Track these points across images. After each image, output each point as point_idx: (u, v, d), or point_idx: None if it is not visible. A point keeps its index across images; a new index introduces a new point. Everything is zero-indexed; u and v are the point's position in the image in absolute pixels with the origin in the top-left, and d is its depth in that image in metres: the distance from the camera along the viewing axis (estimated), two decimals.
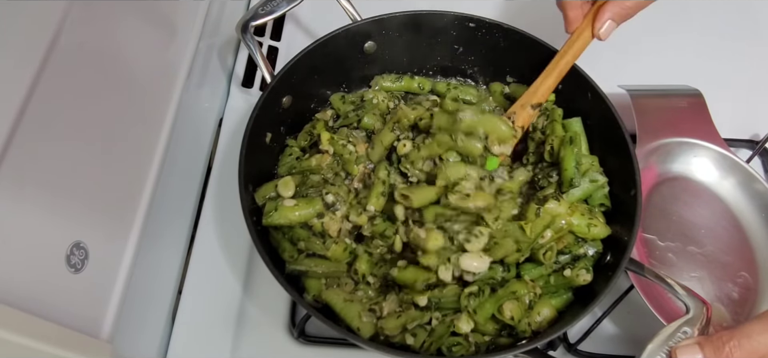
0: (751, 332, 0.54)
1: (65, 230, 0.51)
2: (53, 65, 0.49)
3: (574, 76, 0.75)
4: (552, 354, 0.72)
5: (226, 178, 0.81)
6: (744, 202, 0.79)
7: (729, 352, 0.54)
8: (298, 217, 0.67)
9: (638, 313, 0.70)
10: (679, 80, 0.86)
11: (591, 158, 0.73)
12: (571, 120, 0.75)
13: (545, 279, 0.67)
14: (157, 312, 0.72)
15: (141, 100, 0.64)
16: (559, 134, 0.72)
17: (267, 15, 0.79)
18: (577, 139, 0.71)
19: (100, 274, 0.55)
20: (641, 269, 0.63)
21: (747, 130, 0.89)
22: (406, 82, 0.82)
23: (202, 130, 0.84)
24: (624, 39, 0.97)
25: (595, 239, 0.68)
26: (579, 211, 0.68)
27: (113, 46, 0.59)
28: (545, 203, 0.67)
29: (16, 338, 0.43)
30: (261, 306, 0.74)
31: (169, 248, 0.75)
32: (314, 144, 0.76)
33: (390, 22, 0.78)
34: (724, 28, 1.00)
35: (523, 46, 0.78)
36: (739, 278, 0.74)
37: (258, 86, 0.89)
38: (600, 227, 0.68)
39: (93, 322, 0.54)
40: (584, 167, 0.70)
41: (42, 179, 0.49)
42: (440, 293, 0.64)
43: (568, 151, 0.69)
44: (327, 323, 0.60)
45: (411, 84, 0.83)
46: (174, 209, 0.76)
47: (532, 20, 0.80)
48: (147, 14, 0.65)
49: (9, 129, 0.45)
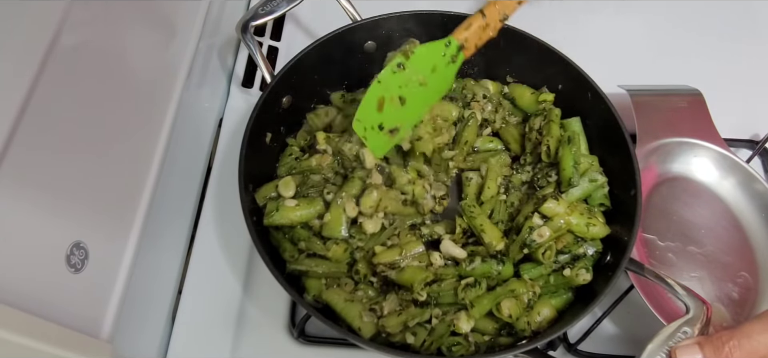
0: (751, 332, 0.54)
1: (65, 230, 0.51)
2: (53, 65, 0.49)
3: (574, 76, 0.76)
4: (552, 354, 0.71)
5: (226, 178, 0.81)
6: (744, 202, 0.79)
7: (729, 352, 0.54)
8: (299, 217, 0.68)
9: (638, 313, 0.70)
10: (679, 80, 0.86)
11: (590, 158, 0.73)
12: (570, 120, 0.75)
13: (545, 279, 0.67)
14: (157, 312, 0.72)
15: (141, 100, 0.64)
16: (556, 134, 0.72)
17: (267, 15, 0.79)
18: (575, 139, 0.71)
19: (100, 274, 0.55)
20: (641, 269, 0.63)
21: (747, 130, 0.89)
22: None
23: (202, 130, 0.84)
24: (624, 39, 0.98)
25: (594, 238, 0.68)
26: (578, 210, 0.68)
27: (113, 47, 0.59)
28: (544, 203, 0.67)
29: (16, 338, 0.43)
30: (261, 306, 0.74)
31: (169, 248, 0.75)
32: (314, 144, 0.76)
33: (390, 22, 0.78)
34: (723, 28, 1.00)
35: (523, 46, 0.78)
36: (739, 278, 0.74)
37: (258, 86, 0.89)
38: (599, 227, 0.68)
39: (93, 322, 0.54)
40: (583, 167, 0.71)
41: (42, 179, 0.49)
42: (439, 288, 0.65)
43: (566, 151, 0.70)
44: (327, 324, 0.60)
45: None
46: (174, 209, 0.76)
47: (532, 20, 0.80)
48: (147, 14, 0.65)
49: (9, 129, 0.45)
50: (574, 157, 0.70)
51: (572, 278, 0.66)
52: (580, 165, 0.70)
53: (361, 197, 0.68)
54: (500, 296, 0.65)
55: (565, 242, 0.68)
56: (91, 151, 0.55)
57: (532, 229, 0.66)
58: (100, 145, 0.56)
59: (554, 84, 0.79)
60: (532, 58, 0.79)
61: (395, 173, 0.71)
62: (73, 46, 0.52)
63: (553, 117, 0.74)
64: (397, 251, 0.66)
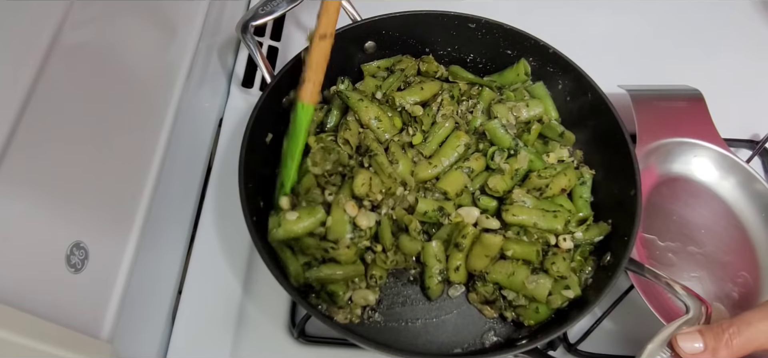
0: (751, 320, 0.55)
1: (65, 230, 0.51)
2: (53, 65, 0.49)
3: (574, 76, 0.76)
4: (552, 354, 0.72)
5: (226, 178, 0.81)
6: (744, 202, 0.79)
7: (728, 338, 0.55)
8: (302, 228, 0.66)
9: (638, 313, 0.70)
10: (679, 80, 0.86)
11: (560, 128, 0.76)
12: (534, 85, 0.79)
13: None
14: (157, 312, 0.72)
15: (141, 100, 0.64)
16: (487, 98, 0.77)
17: (267, 15, 0.79)
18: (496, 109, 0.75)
19: (100, 274, 0.55)
20: (641, 269, 0.63)
21: (747, 130, 0.89)
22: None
23: (202, 130, 0.84)
24: (624, 39, 0.98)
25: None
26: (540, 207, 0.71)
27: (113, 46, 0.59)
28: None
29: (16, 338, 0.43)
30: (261, 306, 0.74)
31: (169, 248, 0.75)
32: None
33: (390, 22, 0.78)
34: (724, 28, 1.00)
35: (523, 47, 0.78)
36: (739, 278, 0.74)
37: (258, 86, 0.89)
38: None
39: (93, 322, 0.54)
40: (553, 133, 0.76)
41: (42, 179, 0.49)
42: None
43: (488, 126, 0.74)
44: (327, 323, 0.60)
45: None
46: (174, 209, 0.76)
47: (532, 20, 0.80)
48: (147, 14, 0.65)
49: (9, 129, 0.45)
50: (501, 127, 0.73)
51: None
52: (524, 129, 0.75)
53: (352, 184, 0.68)
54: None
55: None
56: (91, 151, 0.55)
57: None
58: (100, 145, 0.56)
59: (554, 84, 0.79)
60: (531, 58, 0.79)
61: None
62: (73, 46, 0.52)
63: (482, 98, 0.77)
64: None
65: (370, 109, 0.74)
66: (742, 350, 0.55)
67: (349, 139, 0.72)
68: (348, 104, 0.75)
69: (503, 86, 0.80)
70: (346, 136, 0.72)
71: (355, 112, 0.74)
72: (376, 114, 0.74)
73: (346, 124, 0.73)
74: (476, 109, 0.76)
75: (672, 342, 0.56)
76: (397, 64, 0.80)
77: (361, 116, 0.73)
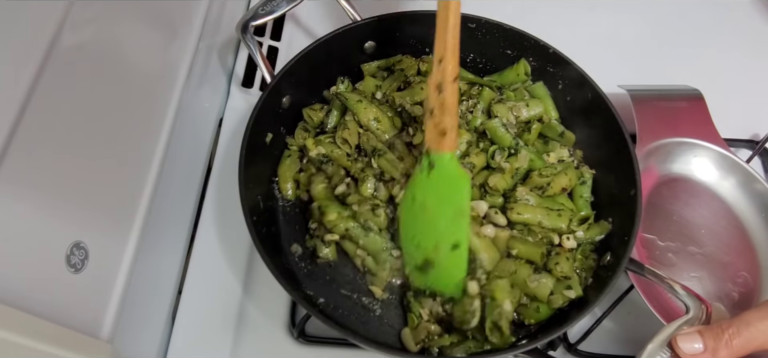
0: (750, 320, 0.55)
1: (65, 230, 0.51)
2: (53, 65, 0.49)
3: (574, 76, 0.76)
4: (552, 354, 0.72)
5: (226, 178, 0.81)
6: (744, 202, 0.79)
7: (728, 339, 0.55)
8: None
9: (638, 313, 0.70)
10: (679, 80, 0.86)
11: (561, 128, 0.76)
12: (534, 85, 0.79)
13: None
14: (157, 312, 0.72)
15: (141, 100, 0.64)
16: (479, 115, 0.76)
17: (267, 15, 0.79)
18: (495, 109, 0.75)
19: (100, 274, 0.55)
20: (641, 269, 0.63)
21: (747, 130, 0.89)
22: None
23: (202, 130, 0.84)
24: (624, 39, 0.98)
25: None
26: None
27: (113, 46, 0.59)
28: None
29: (16, 338, 0.43)
30: (261, 306, 0.74)
31: (169, 247, 0.75)
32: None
33: (390, 22, 0.78)
34: (724, 28, 1.00)
35: (523, 47, 0.78)
36: (739, 278, 0.74)
37: (258, 86, 0.89)
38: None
39: (93, 322, 0.54)
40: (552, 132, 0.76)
41: (42, 179, 0.49)
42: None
43: (489, 125, 0.74)
44: (327, 323, 0.60)
45: None
46: (174, 209, 0.76)
47: (532, 20, 0.80)
48: (147, 14, 0.65)
49: (9, 129, 0.45)
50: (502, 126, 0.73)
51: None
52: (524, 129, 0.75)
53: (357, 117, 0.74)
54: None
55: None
56: (91, 151, 0.55)
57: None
58: (100, 145, 0.56)
59: (554, 84, 0.79)
60: (531, 58, 0.79)
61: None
62: (73, 46, 0.52)
63: (482, 98, 0.77)
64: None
65: (369, 110, 0.74)
66: (742, 350, 0.55)
67: (347, 139, 0.73)
68: (347, 106, 0.75)
69: (503, 86, 0.80)
70: (345, 135, 0.73)
71: (354, 113, 0.74)
72: (375, 115, 0.74)
73: (345, 124, 0.73)
74: (476, 108, 0.76)
75: (672, 342, 0.56)
76: (397, 64, 0.80)
77: (360, 118, 0.74)
